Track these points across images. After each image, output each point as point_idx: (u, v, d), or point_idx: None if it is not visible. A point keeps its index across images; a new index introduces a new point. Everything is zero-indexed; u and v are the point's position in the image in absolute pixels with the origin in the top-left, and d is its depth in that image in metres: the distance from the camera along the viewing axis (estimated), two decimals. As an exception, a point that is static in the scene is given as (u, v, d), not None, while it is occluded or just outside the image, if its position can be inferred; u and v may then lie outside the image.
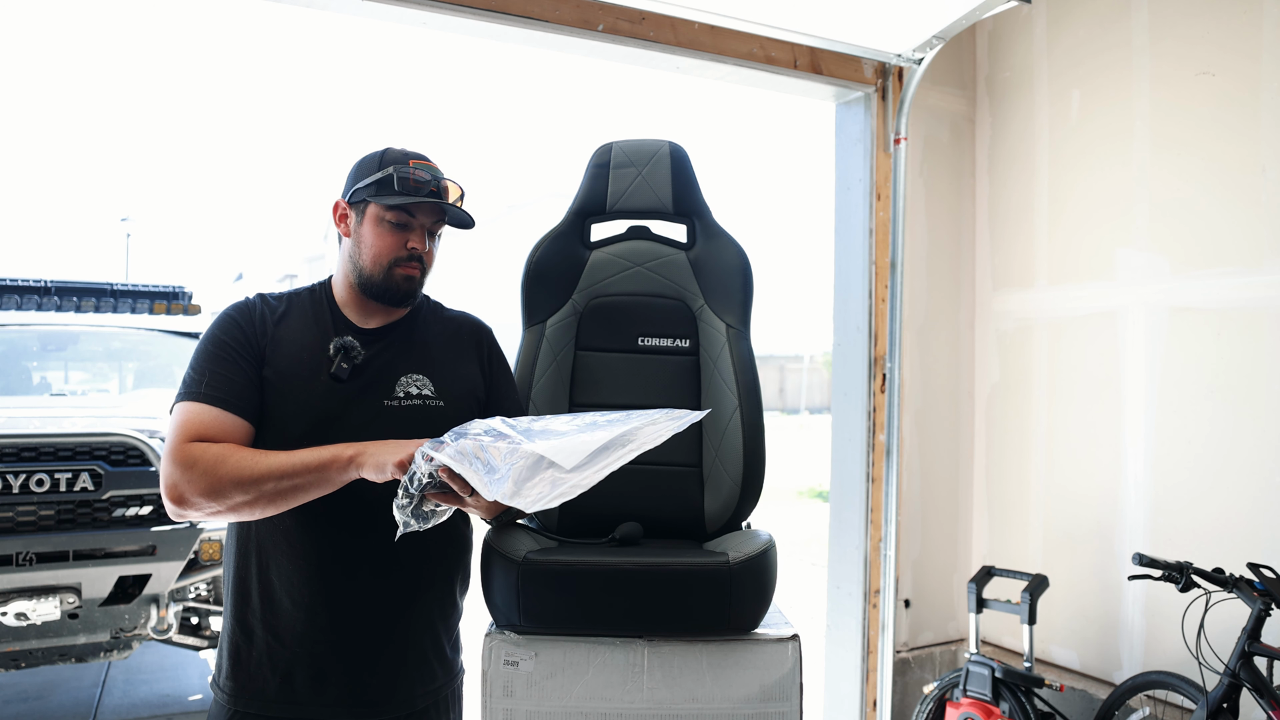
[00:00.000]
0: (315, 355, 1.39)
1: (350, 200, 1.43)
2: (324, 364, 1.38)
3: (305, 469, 1.25)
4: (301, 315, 1.43)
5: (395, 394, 1.42)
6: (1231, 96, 2.50)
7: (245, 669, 1.36)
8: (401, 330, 1.48)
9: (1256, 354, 2.44)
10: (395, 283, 1.42)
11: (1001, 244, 3.24)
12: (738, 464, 1.64)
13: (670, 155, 1.79)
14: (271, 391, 1.35)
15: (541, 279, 1.76)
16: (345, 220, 1.45)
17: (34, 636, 2.96)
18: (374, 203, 1.40)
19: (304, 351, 1.39)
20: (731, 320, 1.72)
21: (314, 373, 1.37)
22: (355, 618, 1.37)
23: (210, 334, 1.38)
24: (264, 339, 1.38)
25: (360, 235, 1.42)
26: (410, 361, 1.46)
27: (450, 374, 1.49)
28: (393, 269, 1.41)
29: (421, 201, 1.39)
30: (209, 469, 1.24)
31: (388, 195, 1.38)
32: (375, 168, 1.41)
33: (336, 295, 1.47)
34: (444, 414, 1.43)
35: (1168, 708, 2.53)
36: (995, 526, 3.25)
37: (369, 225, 1.41)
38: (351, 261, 1.44)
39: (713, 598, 1.38)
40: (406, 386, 1.43)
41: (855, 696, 2.91)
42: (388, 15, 2.25)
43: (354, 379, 1.39)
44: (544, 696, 1.40)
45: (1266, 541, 2.38)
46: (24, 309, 4.49)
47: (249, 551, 1.38)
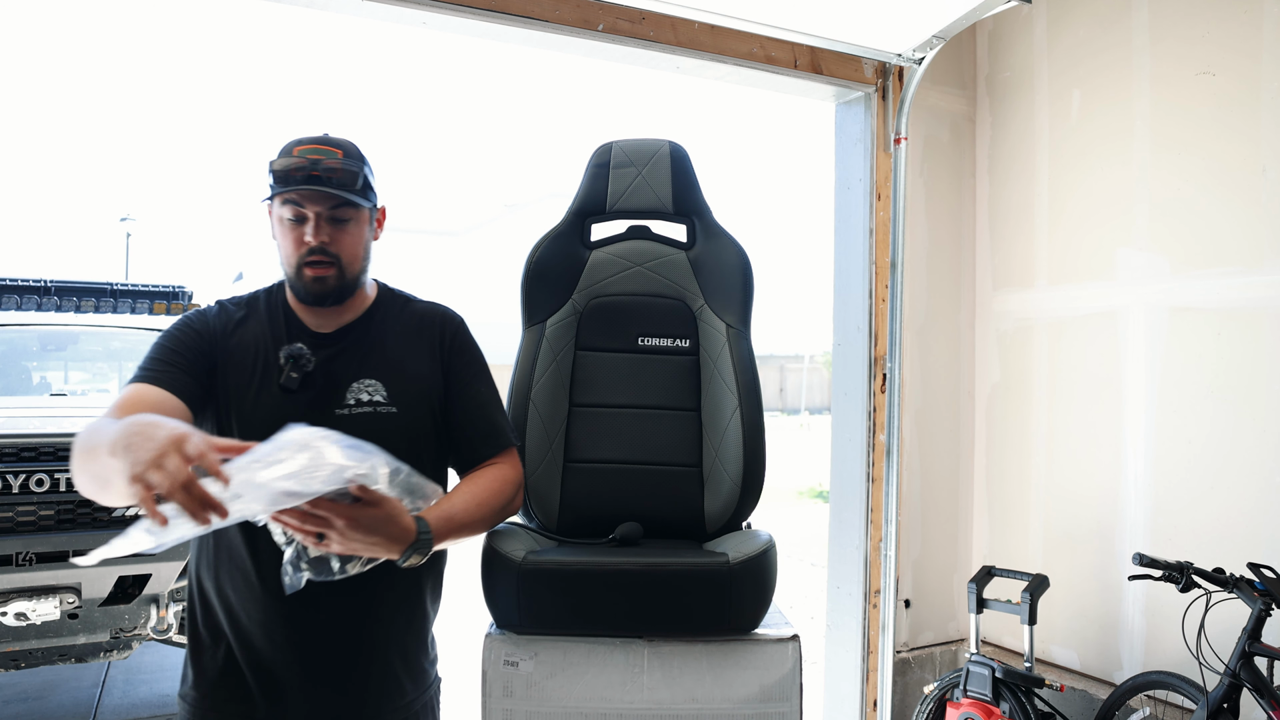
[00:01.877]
0: (267, 365, 1.33)
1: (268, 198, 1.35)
2: (274, 373, 1.33)
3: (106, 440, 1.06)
4: (257, 322, 1.38)
5: (346, 401, 1.34)
6: (1231, 96, 2.50)
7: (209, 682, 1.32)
8: (357, 332, 1.40)
9: (1256, 354, 2.44)
10: (306, 284, 1.33)
11: (1001, 244, 3.24)
12: (738, 464, 1.64)
13: (670, 155, 1.79)
14: (223, 404, 1.31)
15: (541, 279, 1.76)
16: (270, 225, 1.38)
17: (34, 636, 2.96)
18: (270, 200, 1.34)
19: (256, 361, 1.34)
20: (731, 320, 1.72)
21: (264, 383, 1.32)
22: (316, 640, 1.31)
23: (163, 334, 1.35)
24: (217, 349, 1.33)
25: (275, 236, 1.36)
26: (364, 366, 1.37)
27: (405, 376, 1.40)
28: (301, 270, 1.33)
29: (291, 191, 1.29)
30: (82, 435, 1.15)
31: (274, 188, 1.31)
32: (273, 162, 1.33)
33: (290, 297, 1.41)
34: (396, 421, 1.36)
35: (1168, 708, 2.53)
36: (995, 526, 3.25)
37: (275, 226, 1.35)
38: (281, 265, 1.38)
39: (712, 598, 1.38)
40: (358, 393, 1.35)
41: (855, 696, 2.90)
42: (388, 15, 2.24)
43: (305, 388, 1.32)
44: (544, 697, 1.40)
45: (1267, 541, 2.38)
46: (24, 309, 4.49)
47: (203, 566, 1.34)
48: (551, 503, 1.68)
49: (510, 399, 1.71)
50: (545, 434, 1.69)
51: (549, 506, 1.68)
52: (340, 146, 1.34)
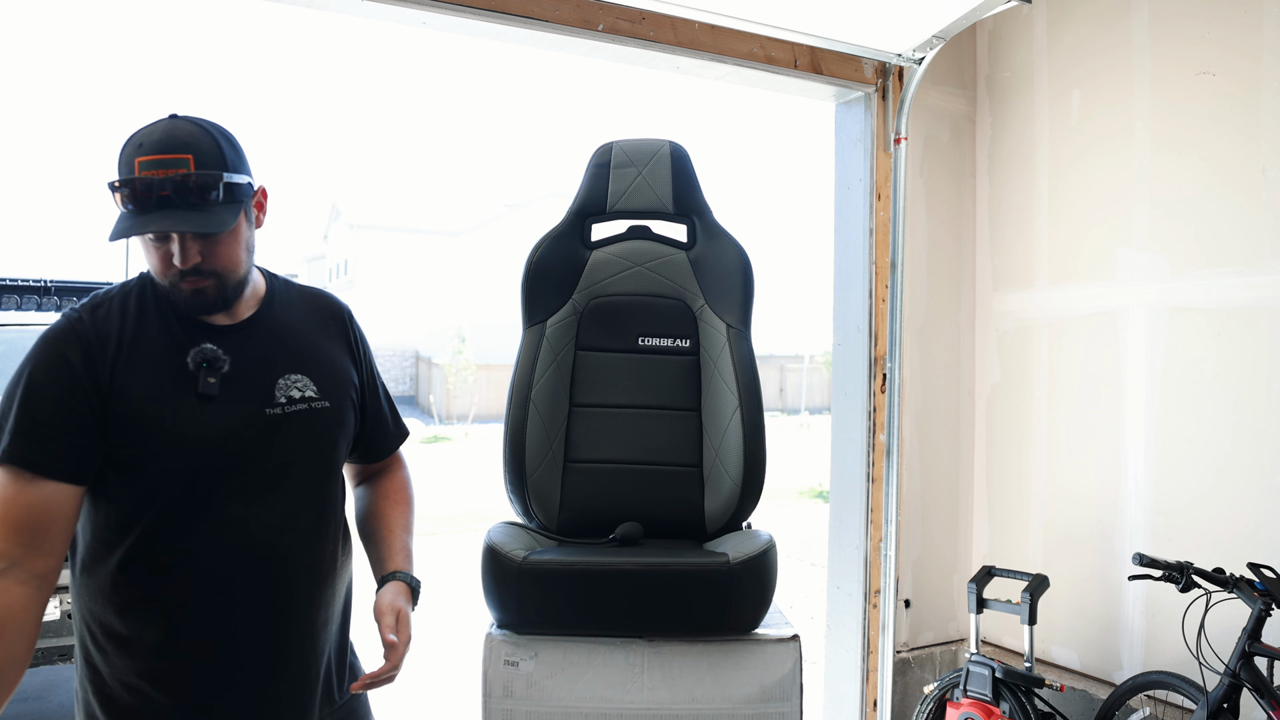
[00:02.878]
0: (174, 374, 1.18)
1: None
2: (187, 382, 1.18)
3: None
4: (143, 326, 1.19)
5: (276, 400, 1.24)
6: (1231, 96, 2.50)
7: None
8: (263, 322, 1.28)
9: (1257, 354, 2.44)
10: (183, 298, 1.19)
11: (1001, 244, 3.24)
12: (738, 464, 1.65)
13: (671, 155, 1.79)
14: (131, 428, 1.15)
15: (542, 279, 1.76)
16: None
17: (34, 636, 2.95)
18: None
19: (159, 371, 1.17)
20: (732, 320, 1.72)
21: (178, 394, 1.17)
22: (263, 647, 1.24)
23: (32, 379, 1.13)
24: (104, 371, 1.15)
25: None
26: (284, 359, 1.28)
27: (328, 368, 1.32)
28: (177, 284, 1.18)
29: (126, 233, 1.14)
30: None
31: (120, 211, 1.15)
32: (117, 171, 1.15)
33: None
34: (329, 415, 1.29)
35: (1168, 708, 2.53)
36: (995, 526, 3.25)
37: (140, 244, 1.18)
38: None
39: (713, 598, 1.38)
40: (287, 390, 1.26)
41: (855, 697, 2.91)
42: (388, 15, 2.24)
43: (225, 391, 1.20)
44: (544, 697, 1.40)
45: (1267, 541, 2.38)
46: (24, 309, 4.48)
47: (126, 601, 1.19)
48: (552, 502, 1.68)
49: (510, 399, 1.71)
50: (545, 434, 1.69)
51: (549, 506, 1.68)
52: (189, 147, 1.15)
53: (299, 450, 1.26)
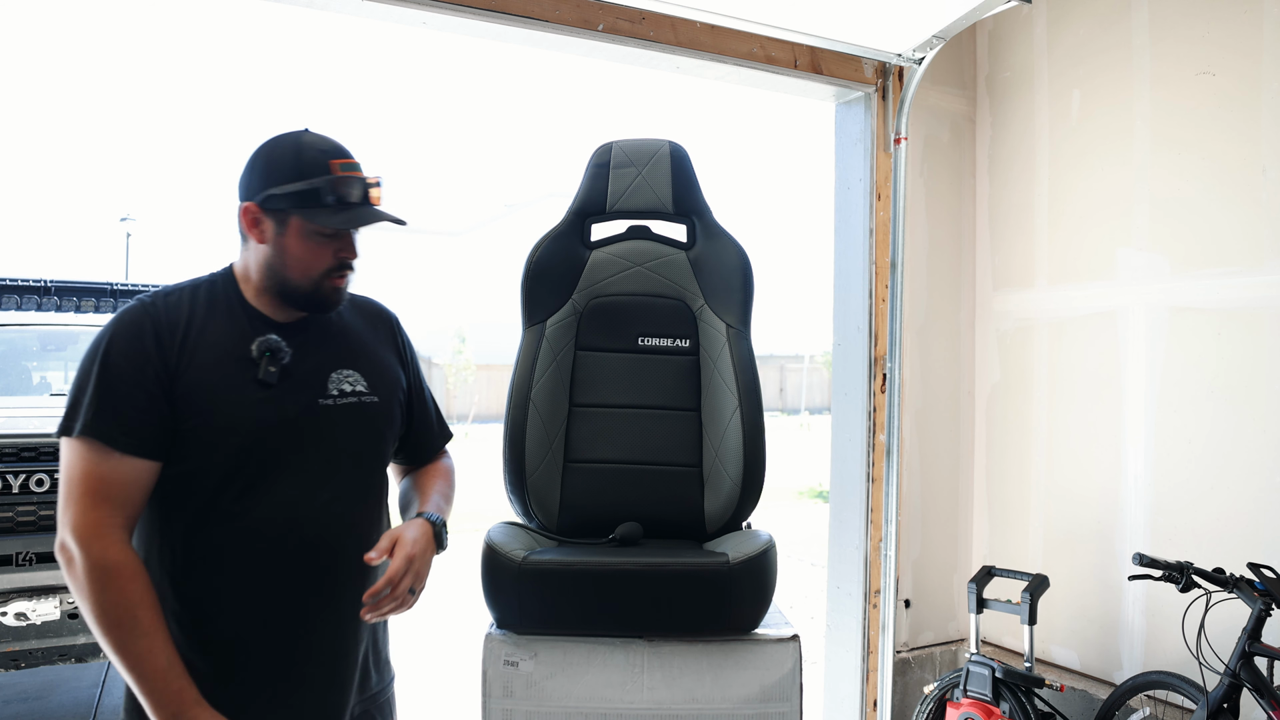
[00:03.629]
0: (238, 360, 1.26)
1: (264, 205, 1.27)
2: (249, 368, 1.26)
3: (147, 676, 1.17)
4: (212, 315, 1.28)
5: (329, 392, 1.32)
6: (1231, 96, 2.50)
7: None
8: (318, 321, 1.37)
9: (1257, 354, 2.44)
10: (324, 294, 1.31)
11: (1001, 244, 3.24)
12: (738, 464, 1.65)
13: (670, 155, 1.79)
14: (194, 408, 1.22)
15: (541, 279, 1.76)
16: (257, 226, 1.28)
17: (34, 636, 2.96)
18: (301, 218, 1.26)
19: (225, 357, 1.25)
20: (732, 320, 1.72)
21: (240, 380, 1.25)
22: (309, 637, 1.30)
23: (107, 357, 1.21)
24: (171, 351, 1.22)
25: (283, 246, 1.28)
26: (338, 356, 1.36)
27: (378, 367, 1.41)
28: (323, 280, 1.30)
29: (368, 218, 1.29)
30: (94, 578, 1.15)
31: (318, 211, 1.26)
32: (294, 172, 1.26)
33: (246, 291, 1.32)
34: (379, 410, 1.38)
35: (1168, 708, 2.53)
36: (995, 526, 3.25)
37: (295, 238, 1.27)
38: (270, 268, 1.29)
39: (712, 598, 1.38)
40: (339, 384, 1.34)
41: (855, 697, 2.91)
42: (388, 15, 2.24)
43: (283, 381, 1.28)
44: (544, 697, 1.40)
45: (1267, 541, 2.38)
46: (24, 309, 4.48)
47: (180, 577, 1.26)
48: (551, 503, 1.68)
49: (510, 399, 1.71)
50: (545, 434, 1.69)
51: (549, 506, 1.68)
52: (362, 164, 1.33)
53: (348, 441, 1.33)
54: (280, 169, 1.27)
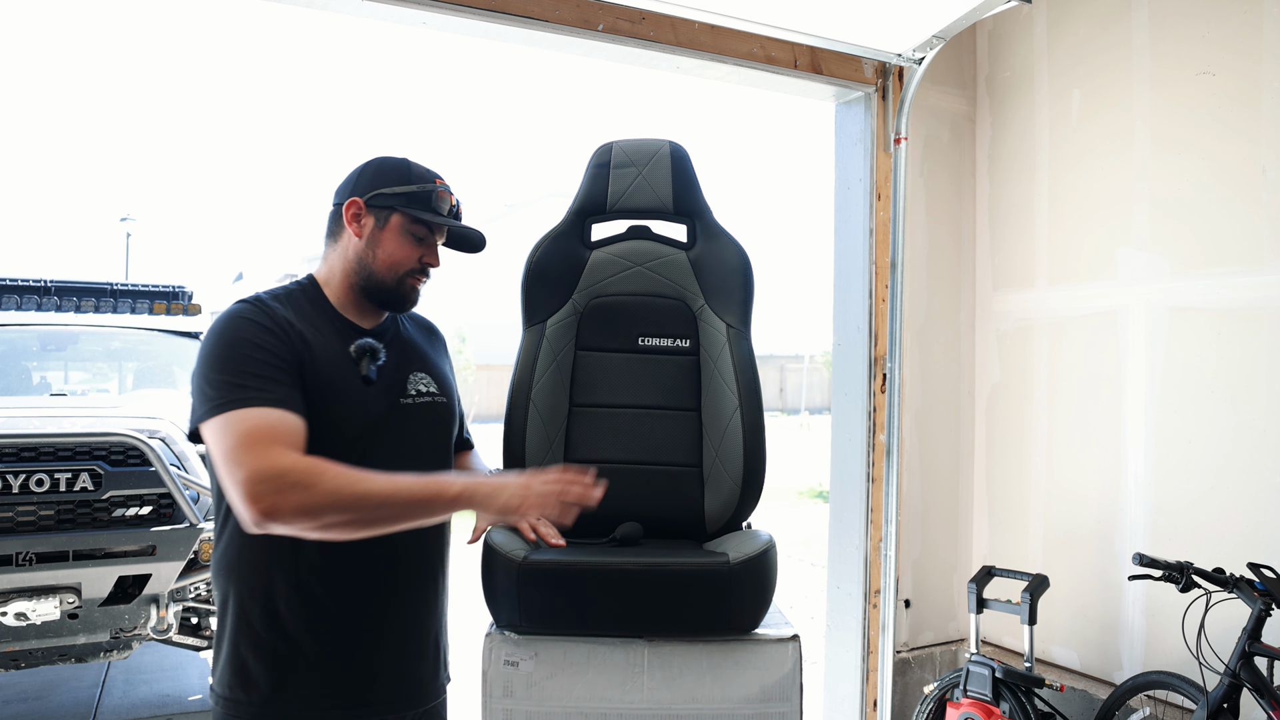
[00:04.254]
0: (342, 357, 1.38)
1: (370, 203, 1.41)
2: (350, 365, 1.38)
3: (410, 499, 1.24)
4: (310, 318, 1.39)
5: (409, 392, 1.45)
6: (1231, 96, 2.50)
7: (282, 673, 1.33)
8: (391, 330, 1.50)
9: (1257, 354, 2.44)
10: (404, 291, 1.45)
11: (1001, 244, 3.24)
12: (738, 464, 1.64)
13: (671, 155, 1.79)
14: (316, 396, 1.32)
15: (542, 279, 1.76)
16: (358, 220, 1.42)
17: (34, 636, 2.96)
18: (404, 213, 1.41)
19: (332, 354, 1.37)
20: (732, 320, 1.72)
21: (347, 375, 1.37)
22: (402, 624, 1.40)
23: (236, 339, 1.29)
24: (294, 342, 1.33)
25: (378, 240, 1.41)
26: (411, 360, 1.48)
27: (440, 372, 1.54)
28: (405, 278, 1.43)
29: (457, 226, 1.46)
30: (304, 481, 1.18)
31: (421, 210, 1.41)
32: (403, 178, 1.42)
33: (330, 295, 1.44)
34: (447, 410, 1.51)
35: (1168, 708, 2.53)
36: (995, 526, 3.25)
37: (392, 233, 1.41)
38: (359, 262, 1.42)
39: (713, 598, 1.38)
40: (416, 384, 1.46)
41: (855, 697, 2.90)
42: (388, 15, 2.24)
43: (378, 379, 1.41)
44: (544, 696, 1.40)
45: (1267, 541, 2.38)
46: (24, 309, 4.48)
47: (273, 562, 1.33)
48: (552, 503, 1.68)
49: (510, 399, 1.71)
50: (545, 434, 1.69)
51: (549, 506, 1.68)
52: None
53: (425, 437, 1.46)
54: (391, 175, 1.42)
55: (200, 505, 3.16)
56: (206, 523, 3.12)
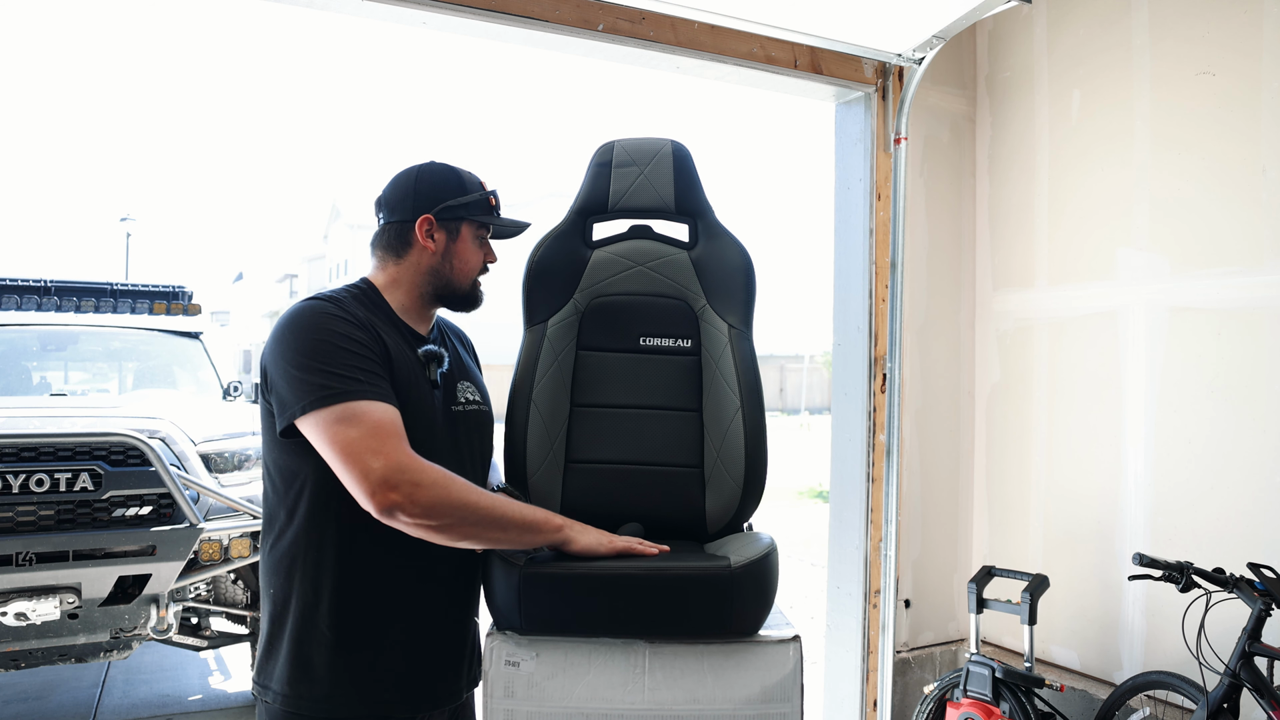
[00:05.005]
0: (413, 361, 1.43)
1: (439, 216, 1.47)
2: (420, 369, 1.43)
3: (521, 523, 1.33)
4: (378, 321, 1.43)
5: (458, 399, 1.51)
6: (1231, 96, 2.50)
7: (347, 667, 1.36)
8: (438, 338, 1.55)
9: (1257, 354, 2.44)
10: (478, 292, 1.55)
11: (1001, 244, 3.24)
12: (739, 465, 1.64)
13: (673, 154, 1.78)
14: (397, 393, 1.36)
15: (543, 278, 1.76)
16: (431, 235, 1.48)
17: (34, 636, 2.96)
18: (472, 223, 1.50)
19: (405, 357, 1.42)
20: (734, 320, 1.71)
21: (419, 379, 1.42)
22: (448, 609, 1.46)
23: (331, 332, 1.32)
24: (379, 343, 1.37)
25: (454, 250, 1.49)
26: (458, 369, 1.55)
27: (477, 380, 1.61)
28: (476, 280, 1.54)
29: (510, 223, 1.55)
30: (440, 481, 1.25)
31: (486, 216, 1.51)
32: (460, 188, 1.49)
33: (391, 301, 1.48)
34: (488, 417, 1.60)
35: (1168, 708, 2.53)
36: (995, 526, 3.25)
37: (465, 243, 1.50)
38: (434, 273, 1.48)
39: (714, 602, 1.37)
40: (464, 392, 1.54)
41: (855, 697, 2.91)
42: (388, 15, 2.24)
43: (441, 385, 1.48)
44: (545, 697, 1.40)
45: (1267, 541, 2.38)
46: (24, 309, 4.49)
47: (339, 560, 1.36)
48: (553, 503, 1.68)
49: (511, 399, 1.71)
50: (546, 434, 1.69)
51: (550, 507, 1.67)
52: None
53: (475, 443, 1.54)
54: (448, 187, 1.48)
55: (200, 505, 3.16)
56: (206, 523, 3.12)
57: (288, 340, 1.33)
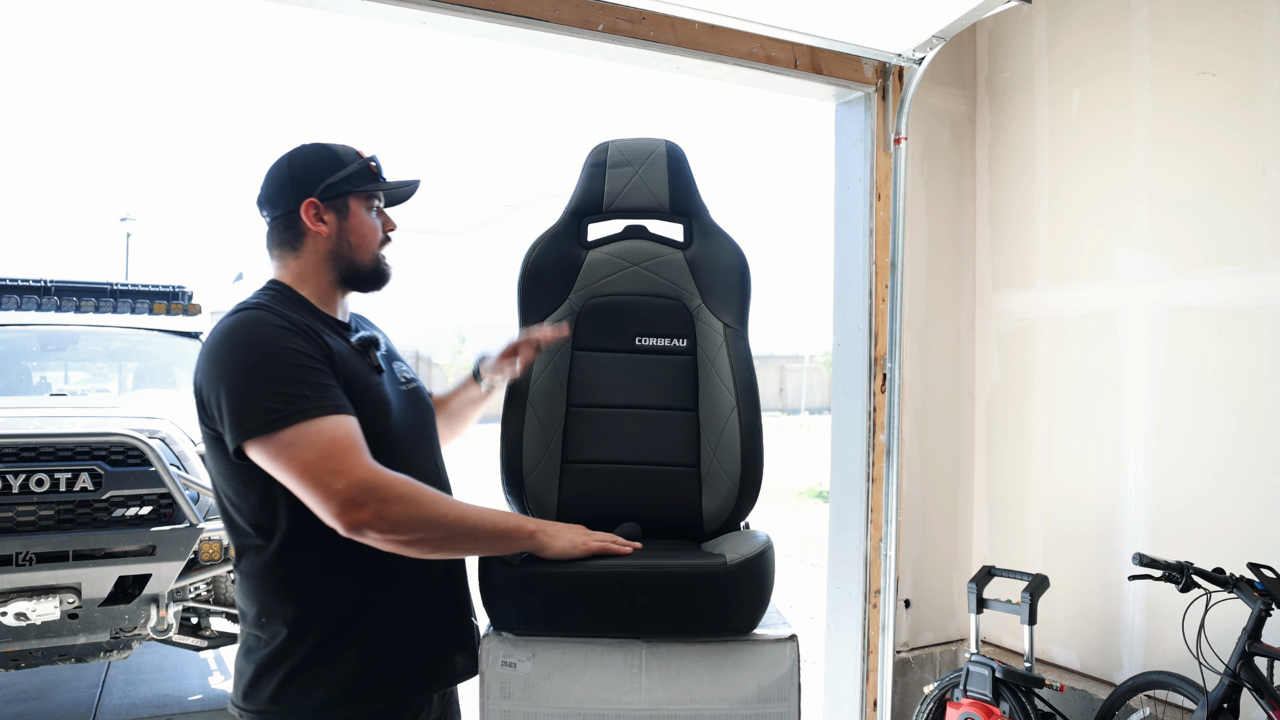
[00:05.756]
0: (351, 353, 1.39)
1: (323, 197, 1.41)
2: (360, 360, 1.40)
3: (494, 531, 1.31)
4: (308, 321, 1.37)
5: (399, 379, 1.49)
6: (1231, 96, 2.50)
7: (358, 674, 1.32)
8: (355, 321, 1.52)
9: (1256, 354, 2.44)
10: (384, 266, 1.49)
11: (1001, 244, 3.24)
12: (735, 464, 1.64)
13: (667, 154, 1.78)
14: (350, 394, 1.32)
15: (538, 279, 1.76)
16: (320, 219, 1.41)
17: (34, 636, 2.96)
18: (358, 195, 1.43)
19: (344, 351, 1.38)
20: (729, 319, 1.71)
21: (363, 370, 1.39)
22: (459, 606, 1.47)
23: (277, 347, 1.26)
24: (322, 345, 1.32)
25: (348, 228, 1.43)
26: (389, 349, 1.52)
27: (403, 358, 1.58)
28: (379, 254, 1.48)
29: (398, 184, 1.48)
30: (408, 496, 1.22)
31: (371, 184, 1.44)
32: (338, 162, 1.43)
33: (307, 295, 1.42)
34: (426, 391, 1.57)
35: (1168, 708, 2.53)
36: (995, 526, 3.25)
37: (356, 218, 1.44)
38: (335, 256, 1.43)
39: (711, 600, 1.37)
40: (401, 371, 1.52)
41: (855, 697, 2.90)
42: (388, 15, 2.24)
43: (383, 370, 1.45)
44: (542, 698, 1.40)
45: (1266, 541, 2.37)
46: (24, 309, 4.49)
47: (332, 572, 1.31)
48: (549, 503, 1.68)
49: (507, 400, 1.71)
50: (543, 434, 1.69)
51: (546, 507, 1.68)
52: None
53: (424, 418, 1.52)
54: (324, 165, 1.42)
55: (200, 505, 3.16)
56: (207, 523, 3.12)
57: (225, 359, 1.26)
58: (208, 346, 1.30)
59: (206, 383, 1.27)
